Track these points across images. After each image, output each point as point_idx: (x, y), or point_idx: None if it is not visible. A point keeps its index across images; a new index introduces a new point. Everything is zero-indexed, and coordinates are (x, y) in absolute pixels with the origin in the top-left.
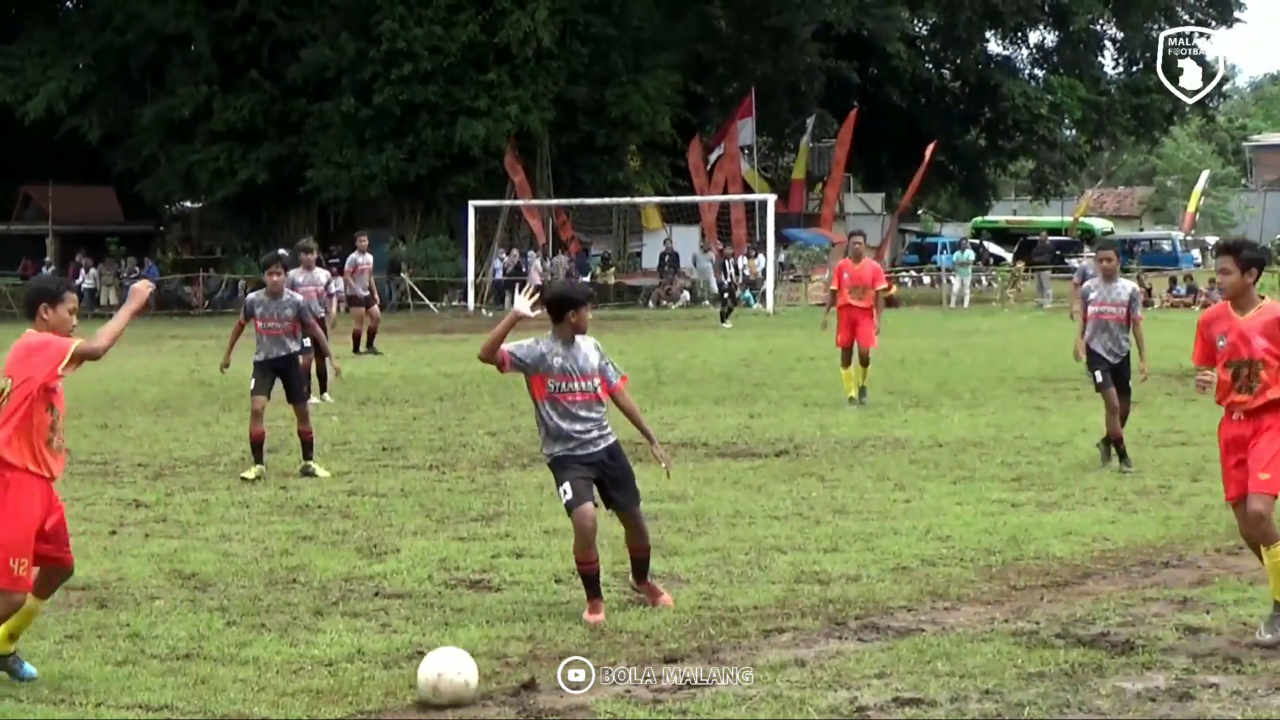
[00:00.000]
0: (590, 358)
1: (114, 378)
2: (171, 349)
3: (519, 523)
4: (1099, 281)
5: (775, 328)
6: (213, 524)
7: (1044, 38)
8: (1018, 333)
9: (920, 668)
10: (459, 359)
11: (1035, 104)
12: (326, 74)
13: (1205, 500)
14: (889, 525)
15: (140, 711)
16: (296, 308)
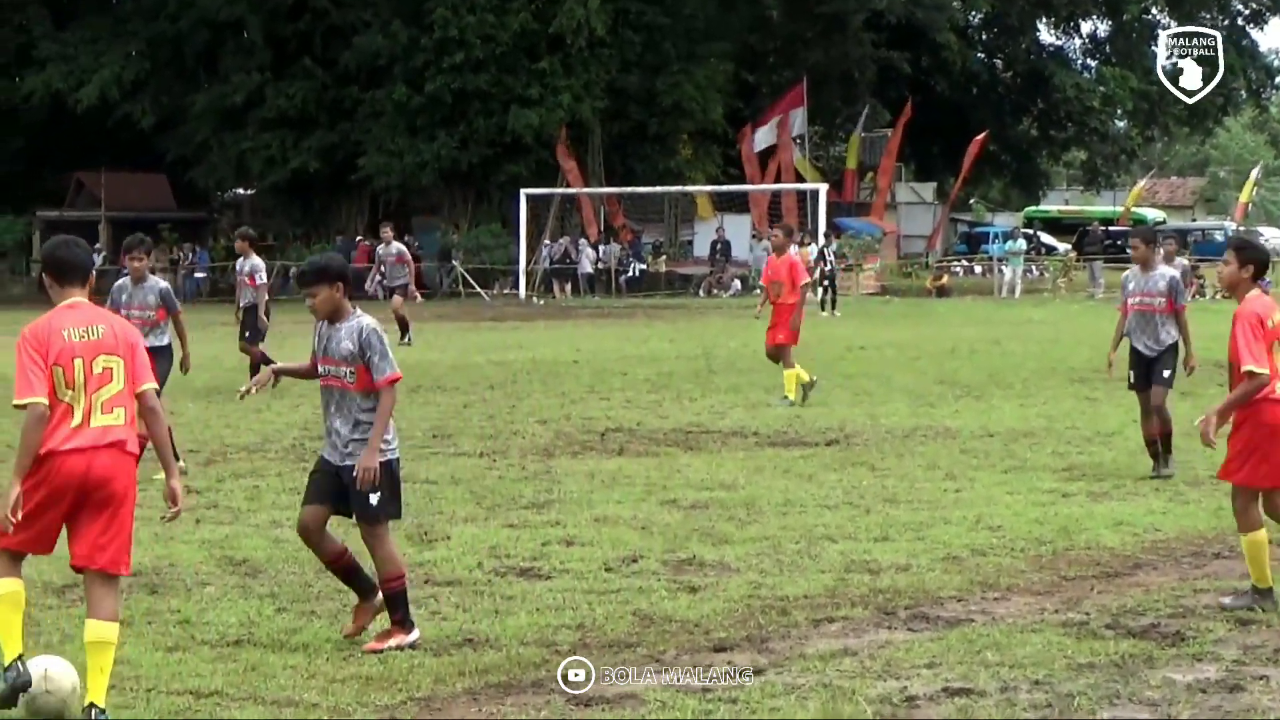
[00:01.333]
0: (344, 344)
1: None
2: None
3: (569, 510)
4: (1136, 271)
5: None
6: (263, 510)
7: (1096, 28)
8: (1069, 323)
9: (970, 658)
10: (510, 347)
11: (1087, 95)
12: (379, 62)
13: None
14: (939, 515)
15: (190, 698)
16: (159, 294)
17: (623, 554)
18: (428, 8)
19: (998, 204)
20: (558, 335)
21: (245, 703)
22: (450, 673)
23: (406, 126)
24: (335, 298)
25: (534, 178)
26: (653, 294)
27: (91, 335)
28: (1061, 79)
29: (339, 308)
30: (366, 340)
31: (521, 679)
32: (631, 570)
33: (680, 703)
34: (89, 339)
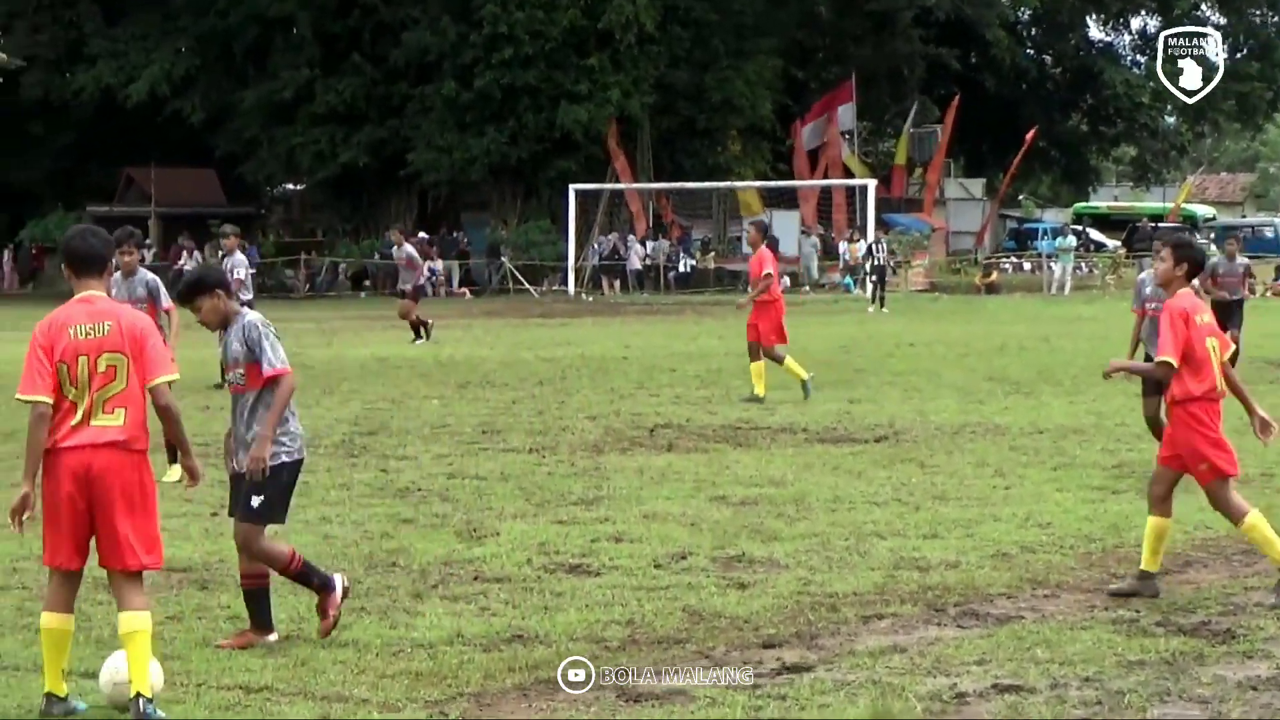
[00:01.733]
0: (233, 346)
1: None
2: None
3: (618, 507)
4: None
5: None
6: (313, 506)
7: (1146, 24)
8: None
9: (1020, 655)
10: (559, 343)
11: (1137, 91)
12: (428, 58)
13: None
14: (988, 512)
15: (240, 693)
16: (148, 286)
17: (672, 550)
18: (476, 4)
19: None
20: (606, 332)
21: (295, 698)
22: (500, 668)
23: (455, 122)
24: (219, 306)
25: (583, 173)
26: (701, 290)
27: (97, 332)
28: (1111, 75)
29: (226, 314)
30: (249, 336)
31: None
32: (681, 567)
33: (729, 699)
34: (95, 336)
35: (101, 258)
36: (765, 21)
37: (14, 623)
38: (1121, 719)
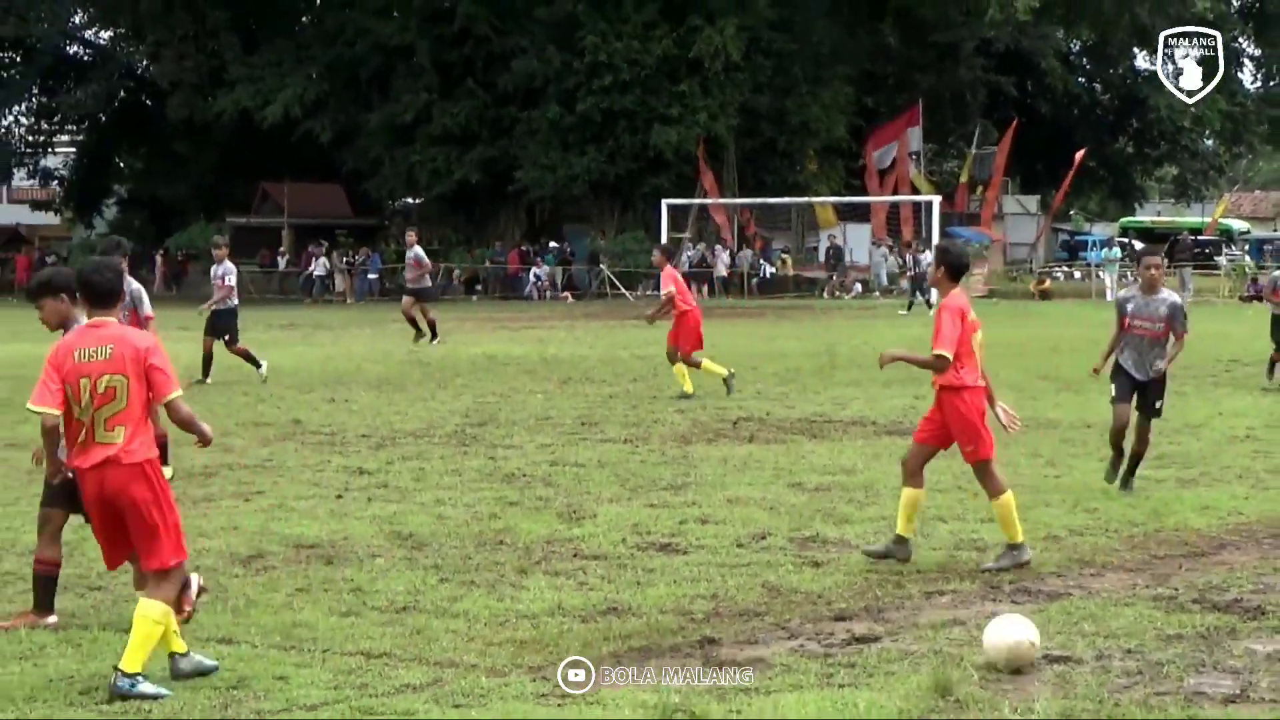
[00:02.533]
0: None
1: (341, 357)
2: (393, 331)
3: (704, 492)
4: (1137, 292)
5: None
6: (428, 490)
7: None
8: None
9: (1068, 628)
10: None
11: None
12: (534, 83)
13: None
14: (1040, 498)
15: (362, 659)
16: (132, 294)
17: (753, 531)
18: (580, 34)
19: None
20: None
21: (411, 663)
22: (596, 638)
23: (559, 142)
24: (60, 309)
25: (674, 189)
26: (781, 296)
27: (99, 355)
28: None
29: (66, 317)
30: None
31: (661, 644)
32: (760, 546)
33: (803, 666)
34: (96, 359)
35: (114, 292)
36: (840, 51)
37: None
38: (1161, 689)
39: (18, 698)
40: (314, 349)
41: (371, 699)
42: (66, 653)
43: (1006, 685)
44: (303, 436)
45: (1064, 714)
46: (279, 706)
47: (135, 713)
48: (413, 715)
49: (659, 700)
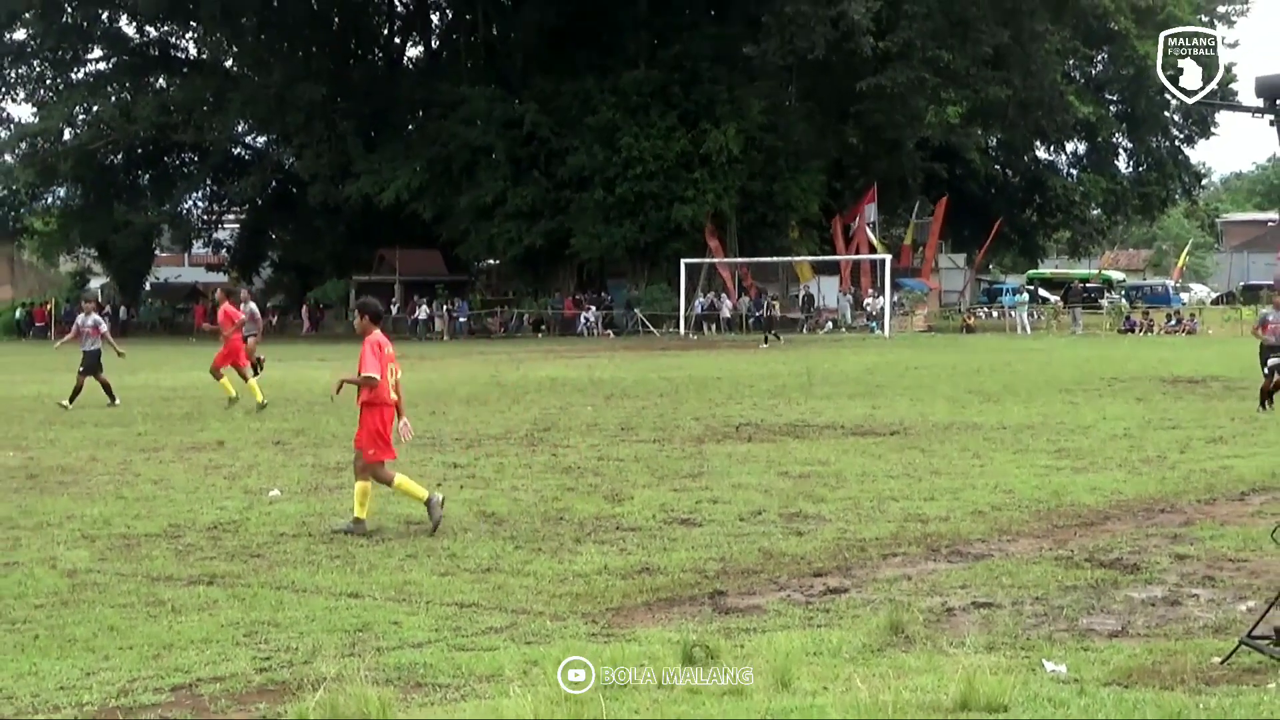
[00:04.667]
0: None
1: (439, 380)
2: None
3: (715, 479)
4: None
5: (890, 347)
6: (506, 479)
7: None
8: (1059, 351)
9: (991, 581)
10: (674, 368)
11: (1071, 192)
12: (584, 173)
13: (1190, 467)
14: (968, 482)
15: (456, 608)
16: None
17: (751, 509)
18: (618, 136)
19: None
20: (706, 360)
21: (493, 610)
22: (633, 590)
23: (603, 217)
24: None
25: (689, 251)
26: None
27: (390, 350)
28: (1053, 182)
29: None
30: None
31: (682, 595)
32: (757, 520)
33: (790, 611)
34: (390, 352)
35: (382, 314)
36: (814, 148)
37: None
38: (1060, 626)
39: (196, 639)
40: (418, 374)
41: (464, 638)
42: (234, 605)
43: (944, 625)
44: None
45: (989, 645)
46: (394, 644)
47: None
48: (495, 649)
49: (681, 637)
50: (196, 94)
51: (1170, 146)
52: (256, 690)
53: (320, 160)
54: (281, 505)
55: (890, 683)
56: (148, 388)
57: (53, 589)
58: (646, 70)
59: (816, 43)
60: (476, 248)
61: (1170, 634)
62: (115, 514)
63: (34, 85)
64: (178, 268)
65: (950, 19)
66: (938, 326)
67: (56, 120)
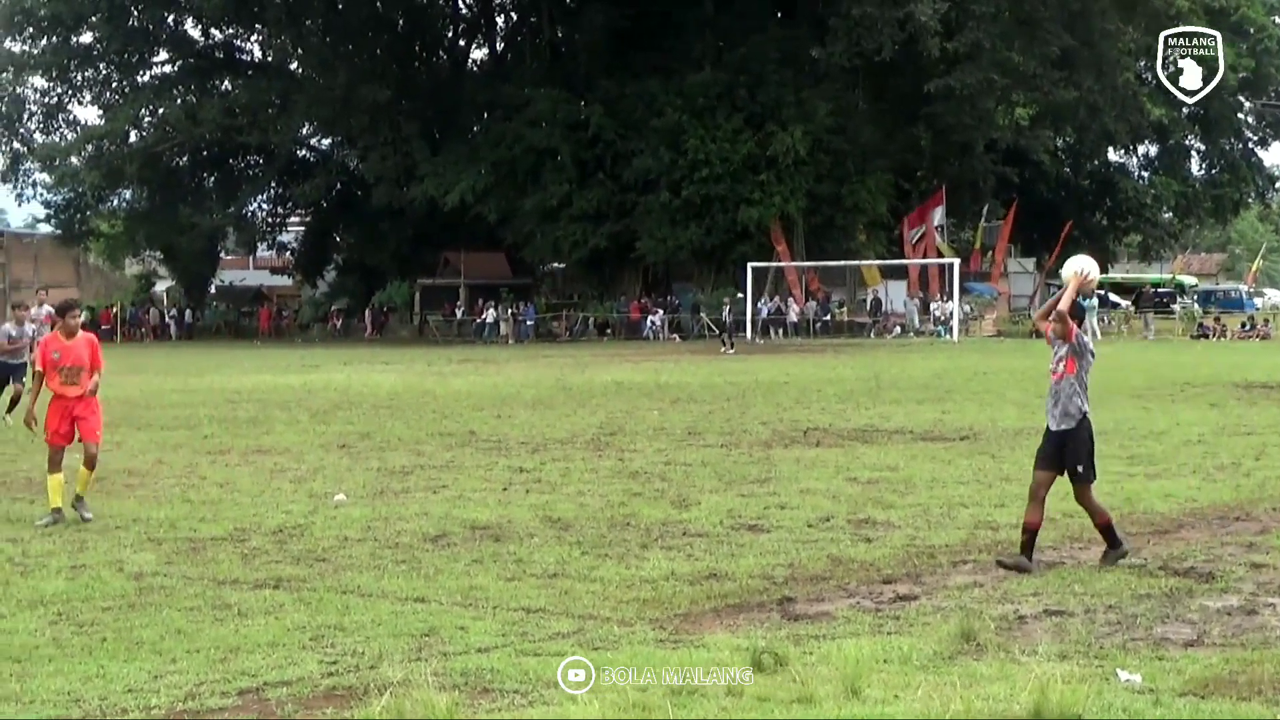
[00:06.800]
0: None
1: (505, 384)
2: (544, 365)
3: (783, 485)
4: None
5: (958, 352)
6: (572, 484)
7: (1149, 149)
8: (1129, 356)
9: (1063, 589)
10: (740, 372)
11: (1142, 195)
12: (650, 175)
13: (1265, 474)
14: None
15: (523, 613)
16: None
17: (820, 515)
18: (684, 138)
19: None
20: (773, 364)
21: (560, 616)
22: (701, 596)
23: (669, 220)
24: None
25: (756, 255)
26: (837, 336)
27: None
28: (1124, 185)
29: None
30: None
31: (750, 601)
32: (826, 526)
33: (859, 618)
34: None
35: None
36: (882, 149)
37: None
38: (1134, 635)
39: (262, 642)
40: (485, 378)
41: (530, 643)
42: (300, 609)
43: (1016, 633)
44: (477, 443)
45: (1061, 654)
46: (460, 649)
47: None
48: (561, 655)
49: (749, 644)
50: (261, 96)
51: (1243, 149)
52: (323, 695)
53: (385, 162)
54: (347, 509)
55: (961, 691)
56: (213, 391)
57: (120, 592)
58: (712, 72)
59: (883, 44)
60: (542, 250)
61: (1247, 644)
62: (181, 517)
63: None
64: (243, 271)
65: (1018, 19)
66: (1007, 331)
67: (122, 123)
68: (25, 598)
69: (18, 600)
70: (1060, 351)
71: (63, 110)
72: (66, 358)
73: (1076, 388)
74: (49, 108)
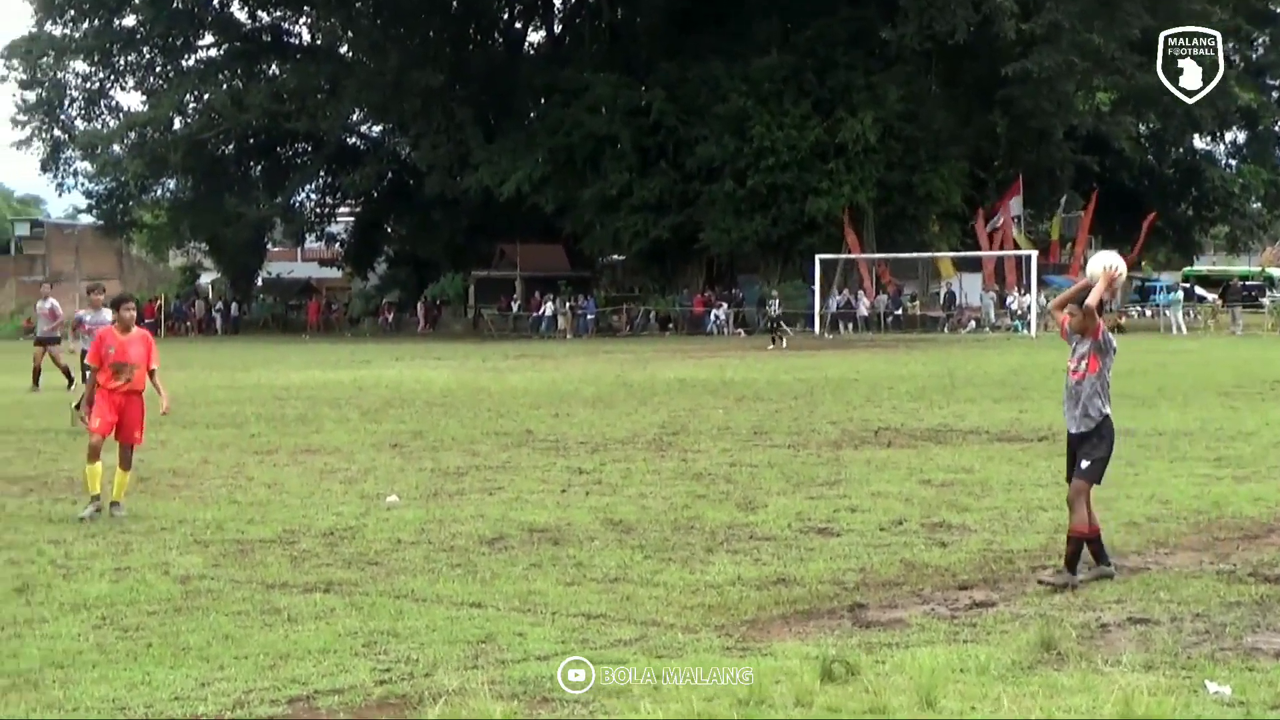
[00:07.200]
0: None
1: (563, 381)
2: (603, 361)
3: (853, 487)
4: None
5: (1036, 348)
6: (634, 485)
7: (1236, 136)
8: (1217, 352)
9: (1147, 596)
10: (808, 369)
11: (1229, 184)
12: (714, 164)
13: None
14: (1122, 492)
15: (583, 619)
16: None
17: (892, 518)
18: (749, 125)
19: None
20: (842, 360)
21: (622, 622)
22: (769, 602)
23: (734, 210)
24: None
25: (824, 247)
26: (910, 331)
27: None
28: (1211, 173)
29: None
30: None
31: (820, 608)
32: (898, 530)
33: (934, 626)
34: None
35: None
36: (956, 136)
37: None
38: (1223, 645)
39: (313, 649)
40: (542, 375)
41: (591, 650)
42: (351, 614)
43: (1099, 642)
44: (534, 443)
45: (1146, 664)
46: (518, 656)
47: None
48: (624, 663)
49: (820, 653)
50: (310, 81)
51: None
52: (376, 703)
53: (438, 150)
54: (399, 511)
55: (1042, 703)
56: (260, 387)
57: (165, 595)
58: (778, 55)
59: (957, 26)
60: (601, 242)
61: None
62: (228, 518)
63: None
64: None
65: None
66: None
67: (166, 109)
68: (68, 601)
69: (60, 603)
70: (1081, 349)
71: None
72: (122, 353)
73: (1098, 388)
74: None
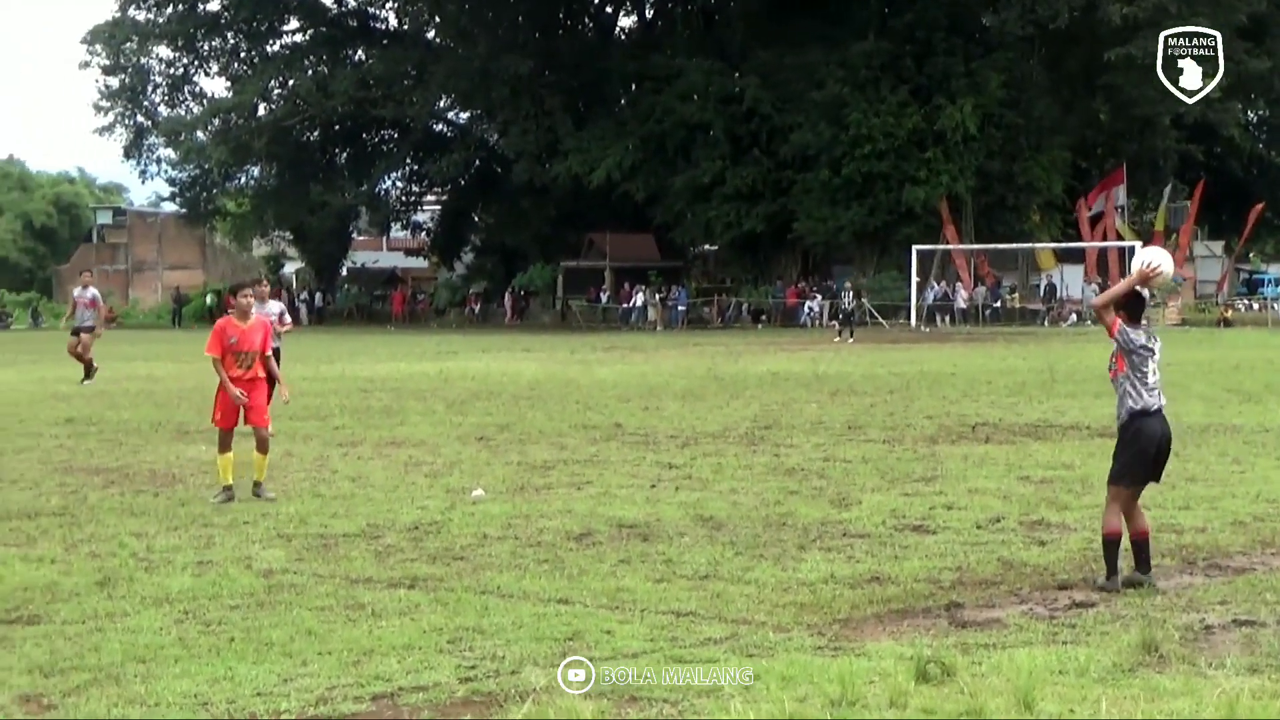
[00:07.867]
0: None
1: (653, 374)
2: (694, 353)
3: (950, 483)
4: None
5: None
6: (725, 480)
7: None
8: None
9: (1253, 597)
10: (904, 362)
11: None
12: (809, 151)
13: None
14: (1228, 490)
15: (672, 616)
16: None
17: (990, 516)
18: (845, 112)
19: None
20: (939, 354)
21: (712, 621)
22: (863, 601)
23: (829, 199)
24: None
25: (921, 237)
26: (1009, 324)
27: None
28: None
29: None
30: None
31: (915, 607)
32: (996, 528)
33: (1033, 626)
34: None
35: None
36: (1059, 124)
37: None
38: None
39: (397, 645)
40: (631, 367)
41: (680, 649)
42: (436, 610)
43: (1202, 644)
44: (623, 437)
45: (1251, 667)
46: (606, 654)
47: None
48: (714, 661)
49: (914, 653)
50: (396, 67)
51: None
52: (461, 701)
53: (526, 137)
54: (485, 505)
55: (1143, 706)
56: (344, 379)
57: (248, 589)
58: (876, 41)
59: (1060, 11)
60: (692, 231)
61: None
62: (312, 512)
63: (228, 58)
64: (375, 252)
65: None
66: (1192, 320)
67: (251, 95)
68: (150, 595)
69: (142, 597)
70: (1114, 347)
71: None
72: (243, 342)
73: (1127, 387)
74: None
